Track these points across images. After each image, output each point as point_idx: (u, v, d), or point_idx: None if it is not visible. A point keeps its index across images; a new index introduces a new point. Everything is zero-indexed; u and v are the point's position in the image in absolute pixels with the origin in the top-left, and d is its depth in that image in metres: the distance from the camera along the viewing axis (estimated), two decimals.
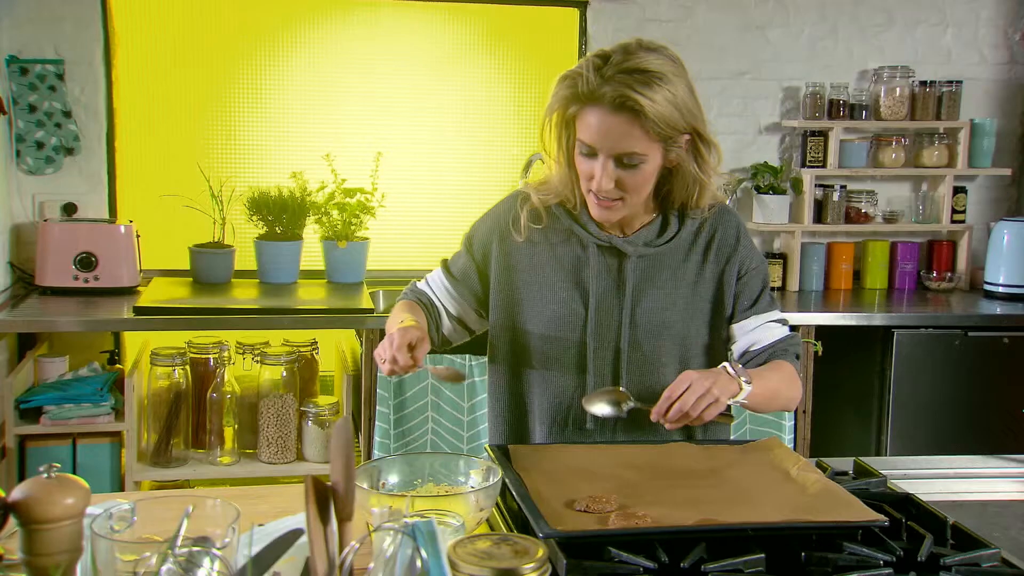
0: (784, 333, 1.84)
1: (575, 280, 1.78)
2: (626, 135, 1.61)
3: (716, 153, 1.73)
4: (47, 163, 3.52)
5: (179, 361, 3.19)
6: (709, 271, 1.81)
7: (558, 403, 1.82)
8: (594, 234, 1.77)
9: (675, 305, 1.79)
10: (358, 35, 3.76)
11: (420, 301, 1.90)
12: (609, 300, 1.78)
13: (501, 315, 1.85)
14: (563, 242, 1.80)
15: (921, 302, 3.80)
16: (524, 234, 1.80)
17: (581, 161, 1.69)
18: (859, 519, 1.40)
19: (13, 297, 3.34)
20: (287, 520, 1.24)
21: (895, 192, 4.12)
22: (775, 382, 1.76)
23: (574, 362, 1.79)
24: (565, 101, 1.65)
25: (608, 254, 1.78)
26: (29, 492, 0.98)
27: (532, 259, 1.81)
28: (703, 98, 4.11)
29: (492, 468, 1.55)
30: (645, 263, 1.79)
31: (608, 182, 1.65)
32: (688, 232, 1.79)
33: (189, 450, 3.23)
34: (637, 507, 1.46)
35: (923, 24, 4.05)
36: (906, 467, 1.84)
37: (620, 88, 1.58)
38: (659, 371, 1.80)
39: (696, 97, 1.68)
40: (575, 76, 1.63)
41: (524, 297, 1.82)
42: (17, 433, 3.03)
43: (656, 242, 1.78)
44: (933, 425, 3.51)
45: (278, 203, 3.57)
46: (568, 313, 1.78)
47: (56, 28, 3.49)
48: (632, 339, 1.78)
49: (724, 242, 1.81)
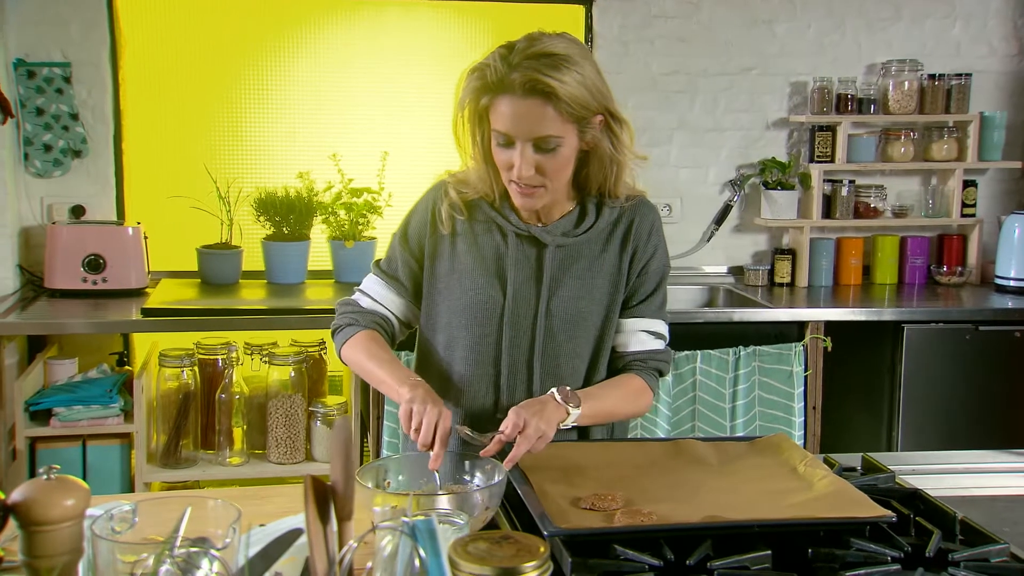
0: (654, 346, 1.84)
1: (495, 269, 1.78)
2: (540, 118, 1.61)
3: (628, 132, 1.73)
4: (55, 166, 3.53)
5: (188, 362, 3.19)
6: (624, 263, 1.81)
7: (472, 392, 1.80)
8: (514, 223, 1.77)
9: (591, 295, 1.79)
10: (364, 34, 3.76)
11: (378, 324, 1.85)
12: (527, 289, 1.78)
13: (425, 304, 1.84)
14: (484, 232, 1.80)
15: (931, 297, 3.77)
16: (448, 226, 1.80)
17: (499, 152, 1.68)
18: (866, 515, 1.39)
19: (22, 299, 3.35)
20: (288, 520, 1.24)
21: (904, 186, 4.10)
22: (612, 400, 1.77)
23: (491, 352, 1.78)
24: (476, 93, 1.65)
25: (527, 243, 1.78)
26: (28, 494, 0.98)
27: (454, 248, 1.80)
28: (709, 94, 4.12)
29: (497, 467, 1.55)
30: (563, 253, 1.78)
31: (528, 168, 1.65)
32: (606, 222, 1.79)
33: (198, 451, 3.24)
34: (643, 504, 1.46)
35: (931, 17, 4.03)
36: (915, 462, 1.83)
37: (529, 72, 1.58)
38: (572, 362, 1.80)
39: (603, 78, 1.68)
40: (483, 67, 1.63)
41: (445, 287, 1.81)
42: (27, 435, 3.04)
43: (574, 232, 1.78)
44: (944, 420, 3.49)
45: (285, 203, 3.58)
46: (486, 300, 1.77)
47: (63, 31, 3.50)
48: (547, 328, 1.77)
49: (637, 234, 1.81)
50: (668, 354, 1.87)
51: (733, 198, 3.99)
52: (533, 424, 1.57)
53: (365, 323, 1.84)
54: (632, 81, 3.89)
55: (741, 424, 3.36)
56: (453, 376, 1.81)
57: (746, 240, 4.07)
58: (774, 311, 3.46)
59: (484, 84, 1.63)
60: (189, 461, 3.19)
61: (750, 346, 3.36)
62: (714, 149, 4.00)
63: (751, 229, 4.06)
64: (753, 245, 4.08)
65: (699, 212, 4.01)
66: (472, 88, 1.65)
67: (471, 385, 1.80)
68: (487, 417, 1.78)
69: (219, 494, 1.77)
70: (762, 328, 3.42)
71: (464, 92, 1.67)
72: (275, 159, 3.74)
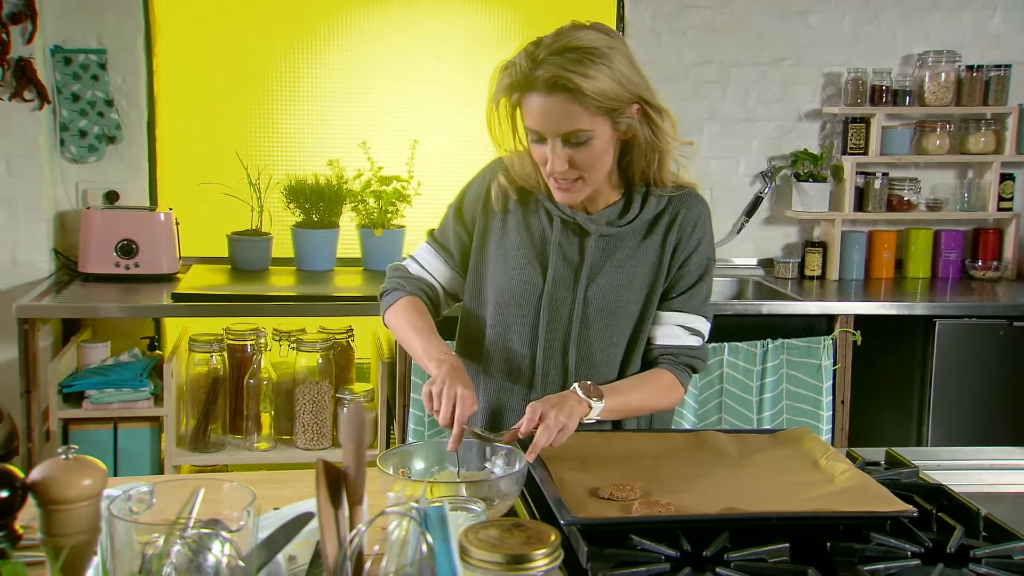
0: (690, 342, 1.82)
1: (538, 252, 1.79)
2: (566, 114, 1.60)
3: (669, 119, 1.71)
4: (90, 151, 3.57)
5: (217, 347, 3.22)
6: (666, 254, 1.80)
7: (509, 369, 1.82)
8: (560, 209, 1.78)
9: (630, 284, 1.78)
10: (395, 23, 3.77)
11: (423, 291, 1.88)
12: (566, 275, 1.78)
13: (471, 279, 1.86)
14: (533, 213, 1.81)
15: (965, 291, 3.72)
16: (501, 204, 1.81)
17: (534, 148, 1.69)
18: (887, 510, 1.37)
19: (57, 283, 3.40)
20: (303, 504, 1.25)
21: (939, 179, 4.04)
22: (639, 394, 1.77)
23: (528, 332, 1.79)
24: (506, 90, 1.66)
25: (572, 230, 1.79)
26: (47, 473, 0.99)
27: (504, 227, 1.82)
28: (741, 84, 4.08)
29: (518, 455, 1.55)
30: (605, 242, 1.78)
31: (561, 164, 1.65)
32: (651, 212, 1.78)
33: (227, 436, 3.27)
34: (661, 495, 1.45)
35: (970, 7, 3.96)
36: (940, 458, 1.81)
37: (552, 69, 1.58)
38: (608, 350, 1.80)
39: (637, 65, 1.66)
40: (511, 65, 1.64)
41: (492, 262, 1.82)
42: (61, 417, 3.09)
43: (619, 222, 1.78)
44: (976, 417, 3.44)
45: (315, 191, 3.60)
46: (526, 281, 1.78)
47: (99, 18, 3.54)
48: (584, 315, 1.78)
49: (682, 226, 1.79)
50: (703, 351, 1.84)
51: (764, 190, 3.96)
52: (552, 416, 1.56)
53: (410, 289, 1.86)
54: (663, 71, 3.86)
55: (768, 417, 3.34)
56: (492, 352, 1.83)
57: (776, 232, 4.04)
58: (803, 304, 3.43)
59: (512, 82, 1.63)
60: (217, 445, 3.23)
61: (778, 339, 3.33)
62: (745, 140, 3.96)
63: (782, 221, 4.03)
64: (784, 237, 4.05)
65: (730, 204, 3.98)
66: (502, 86, 1.66)
67: (509, 363, 1.81)
68: (521, 395, 1.80)
69: (240, 478, 1.79)
70: (791, 321, 3.39)
71: (496, 89, 1.68)
72: (305, 147, 3.76)
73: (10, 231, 3.43)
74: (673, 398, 1.82)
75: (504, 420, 1.82)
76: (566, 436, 1.59)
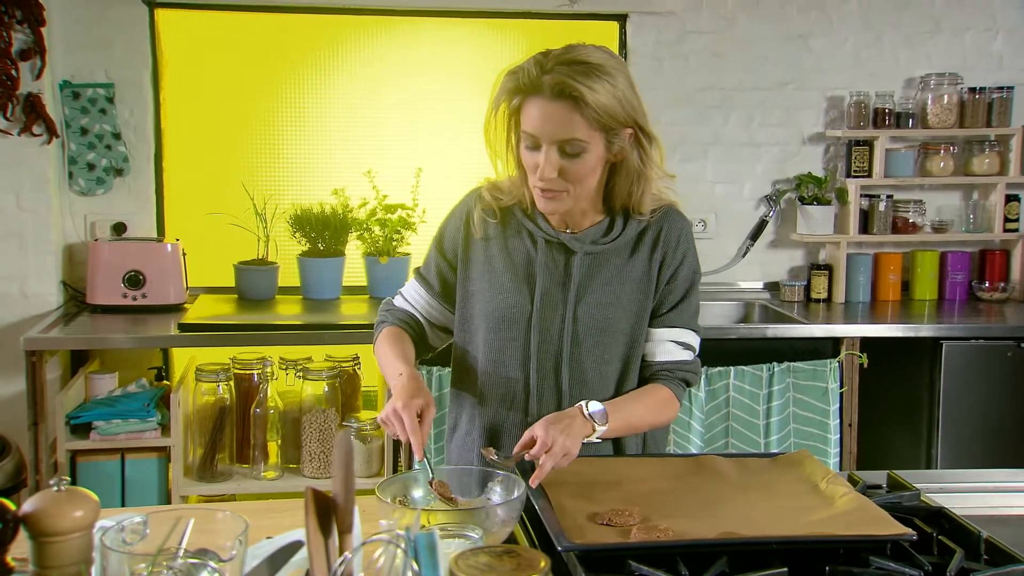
0: (682, 357, 1.84)
1: (524, 274, 1.81)
2: (566, 122, 1.63)
3: (658, 150, 1.75)
4: (98, 184, 3.61)
5: (223, 377, 3.23)
6: (653, 270, 1.82)
7: (503, 394, 1.83)
8: (544, 230, 1.80)
9: (619, 302, 1.79)
10: (398, 52, 3.80)
11: (404, 322, 1.92)
12: (554, 295, 1.79)
13: (460, 309, 1.87)
14: (516, 236, 1.82)
15: (972, 313, 3.71)
16: (480, 231, 1.83)
17: (526, 155, 1.71)
18: (886, 533, 1.37)
19: (65, 315, 3.42)
20: (296, 532, 1.25)
21: (944, 201, 4.04)
22: (638, 411, 1.78)
23: (520, 355, 1.80)
24: (509, 94, 1.68)
25: (557, 250, 1.80)
26: (38, 505, 1.00)
27: (487, 252, 1.83)
28: (744, 109, 4.10)
29: (517, 482, 1.55)
30: (591, 260, 1.80)
31: (551, 170, 1.67)
32: (634, 230, 1.81)
33: (234, 465, 3.27)
34: (660, 520, 1.45)
35: (972, 30, 3.98)
36: (943, 480, 1.80)
37: (560, 76, 1.62)
38: (600, 368, 1.81)
39: (637, 93, 1.70)
40: (518, 70, 1.67)
41: (478, 290, 1.84)
42: (68, 448, 3.10)
43: (603, 240, 1.80)
44: (984, 439, 3.42)
45: (320, 220, 3.62)
46: (513, 304, 1.79)
47: (107, 53, 3.59)
48: (574, 334, 1.79)
49: (666, 241, 1.82)
50: (696, 364, 1.87)
51: (769, 213, 3.96)
52: (560, 443, 1.57)
53: (392, 320, 1.92)
54: (666, 96, 3.89)
55: (775, 441, 3.32)
56: (486, 379, 1.84)
57: (782, 256, 4.04)
58: (809, 327, 3.42)
59: (517, 85, 1.67)
60: (225, 475, 3.23)
61: (785, 362, 3.32)
62: (749, 164, 3.97)
63: (787, 244, 4.03)
64: (789, 260, 4.05)
65: (734, 227, 3.98)
66: (506, 89, 1.69)
67: (503, 387, 1.82)
68: (516, 419, 1.81)
69: (243, 507, 1.79)
70: (797, 344, 3.38)
71: (499, 93, 1.71)
72: (311, 176, 3.79)
73: (19, 264, 3.46)
74: (671, 413, 1.85)
75: (501, 443, 1.82)
76: (569, 461, 1.60)
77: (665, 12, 3.85)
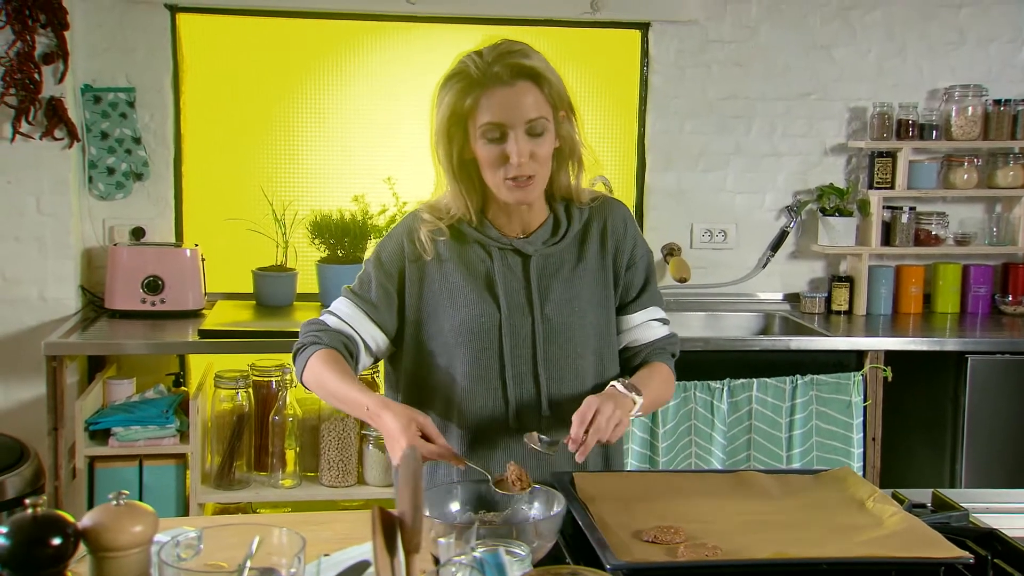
0: (664, 332, 1.90)
1: (485, 284, 1.79)
2: (530, 101, 1.67)
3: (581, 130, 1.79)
4: (117, 188, 3.59)
5: (242, 384, 3.21)
6: (607, 260, 1.85)
7: (480, 406, 1.78)
8: (495, 239, 1.79)
9: (580, 296, 1.81)
10: (418, 58, 3.78)
11: (341, 343, 1.77)
12: (519, 299, 1.79)
13: (413, 332, 1.81)
14: (469, 250, 1.80)
15: (996, 327, 3.68)
16: (431, 251, 1.79)
17: (489, 150, 1.68)
18: (942, 555, 1.34)
19: (84, 320, 3.40)
20: (353, 550, 1.23)
21: (967, 213, 4.01)
22: (656, 386, 1.82)
23: (494, 364, 1.77)
24: (460, 95, 1.68)
25: (512, 256, 1.81)
26: (99, 520, 0.98)
27: (441, 270, 1.79)
28: (766, 119, 4.08)
29: (556, 497, 1.52)
30: (545, 261, 1.82)
31: (525, 154, 1.67)
32: (578, 224, 1.83)
33: (252, 473, 3.25)
34: (706, 538, 1.42)
35: (997, 41, 3.95)
36: (987, 500, 1.77)
37: (510, 61, 1.66)
38: (576, 363, 1.81)
39: None
40: (459, 73, 1.69)
41: (437, 307, 1.79)
42: (87, 454, 3.08)
43: (552, 240, 1.82)
44: (1011, 455, 3.38)
45: (340, 226, 3.60)
46: (481, 315, 1.77)
47: (128, 57, 3.57)
48: (546, 334, 1.79)
49: (613, 231, 1.85)
50: (677, 337, 1.93)
51: (790, 224, 3.94)
52: (609, 409, 1.59)
53: (328, 342, 1.76)
54: (688, 106, 3.87)
55: (798, 455, 3.29)
56: (457, 395, 1.79)
57: (803, 267, 4.01)
58: (832, 339, 3.39)
59: (468, 84, 1.67)
60: (243, 483, 3.20)
61: (807, 375, 3.30)
62: (771, 174, 3.95)
63: (808, 256, 4.00)
64: (810, 272, 4.02)
65: (755, 238, 3.96)
66: (455, 91, 1.68)
67: (478, 400, 1.78)
68: (498, 428, 1.78)
69: (275, 519, 1.77)
70: (819, 357, 3.35)
71: (444, 103, 1.70)
72: (330, 182, 3.77)
73: (39, 268, 3.45)
74: (672, 387, 1.90)
75: (484, 456, 1.77)
76: (622, 431, 1.63)
77: (688, 21, 3.83)
